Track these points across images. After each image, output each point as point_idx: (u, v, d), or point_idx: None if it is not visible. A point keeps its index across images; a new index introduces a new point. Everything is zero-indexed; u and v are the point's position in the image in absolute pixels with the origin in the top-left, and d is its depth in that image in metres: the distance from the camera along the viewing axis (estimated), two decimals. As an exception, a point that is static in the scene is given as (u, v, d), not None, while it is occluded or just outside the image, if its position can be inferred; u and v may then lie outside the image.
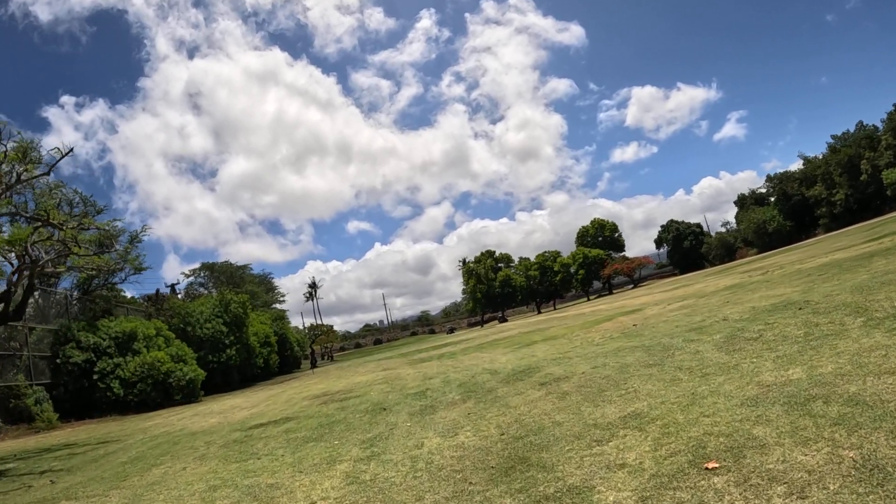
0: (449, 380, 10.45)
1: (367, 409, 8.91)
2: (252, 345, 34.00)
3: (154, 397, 23.49)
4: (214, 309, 32.17)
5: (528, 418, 5.56)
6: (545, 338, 16.00)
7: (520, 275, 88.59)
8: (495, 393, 7.70)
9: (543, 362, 9.69)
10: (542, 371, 8.62)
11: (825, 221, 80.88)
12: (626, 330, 12.02)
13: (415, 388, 10.27)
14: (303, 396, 14.57)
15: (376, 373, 17.76)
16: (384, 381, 13.43)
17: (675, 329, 9.68)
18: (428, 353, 23.69)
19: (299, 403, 12.60)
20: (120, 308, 35.65)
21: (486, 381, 9.04)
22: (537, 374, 8.35)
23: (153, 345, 25.06)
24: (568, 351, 10.79)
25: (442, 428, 6.12)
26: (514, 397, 6.99)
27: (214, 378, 30.23)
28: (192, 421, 14.21)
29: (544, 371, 8.52)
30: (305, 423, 8.91)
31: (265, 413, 12.08)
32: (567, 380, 7.22)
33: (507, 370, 9.88)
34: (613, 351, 8.88)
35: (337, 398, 11.84)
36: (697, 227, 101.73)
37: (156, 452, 9.55)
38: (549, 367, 8.82)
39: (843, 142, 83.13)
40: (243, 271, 72.12)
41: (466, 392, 8.36)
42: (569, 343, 12.50)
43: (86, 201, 33.60)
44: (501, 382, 8.54)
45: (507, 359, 12.23)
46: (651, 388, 5.64)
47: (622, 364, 7.34)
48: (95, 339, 24.47)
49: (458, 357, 16.36)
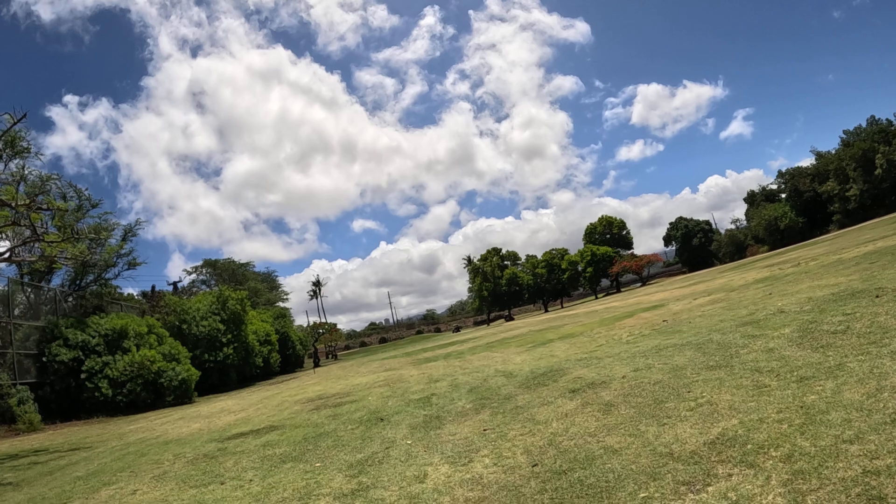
0: (457, 383, 9.09)
1: (361, 418, 7.57)
2: (251, 343, 32.70)
3: (144, 398, 22.25)
4: (211, 306, 30.90)
5: (566, 440, 4.19)
6: (561, 336, 14.61)
7: (527, 273, 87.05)
8: (515, 401, 6.33)
9: (567, 363, 8.31)
10: (568, 374, 7.24)
11: (838, 218, 78.93)
12: (657, 326, 10.64)
13: (418, 393, 8.92)
14: (296, 399, 13.25)
15: (378, 374, 16.42)
16: (385, 384, 12.09)
17: (721, 324, 8.29)
18: (433, 353, 22.33)
19: (290, 408, 11.28)
20: (115, 305, 34.54)
21: (501, 386, 7.67)
22: (564, 378, 6.98)
23: (144, 343, 23.81)
24: (594, 350, 9.40)
25: (451, 450, 4.75)
26: (540, 408, 5.62)
27: (211, 378, 28.97)
28: (175, 426, 12.91)
29: (571, 374, 7.15)
30: (290, 434, 7.57)
31: (251, 419, 10.77)
32: (605, 386, 5.84)
33: (525, 372, 8.50)
34: (653, 350, 7.50)
35: (331, 403, 10.50)
36: (706, 225, 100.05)
37: (117, 466, 8.25)
38: (576, 370, 7.45)
39: (856, 136, 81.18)
40: (245, 268, 70.96)
41: (479, 399, 7.00)
42: (591, 341, 11.10)
43: (80, 194, 32.53)
44: (520, 388, 7.17)
45: (522, 359, 10.85)
46: (730, 397, 4.27)
47: (673, 366, 5.96)
48: (84, 336, 23.25)
49: (466, 357, 14.99)
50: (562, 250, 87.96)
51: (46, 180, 31.23)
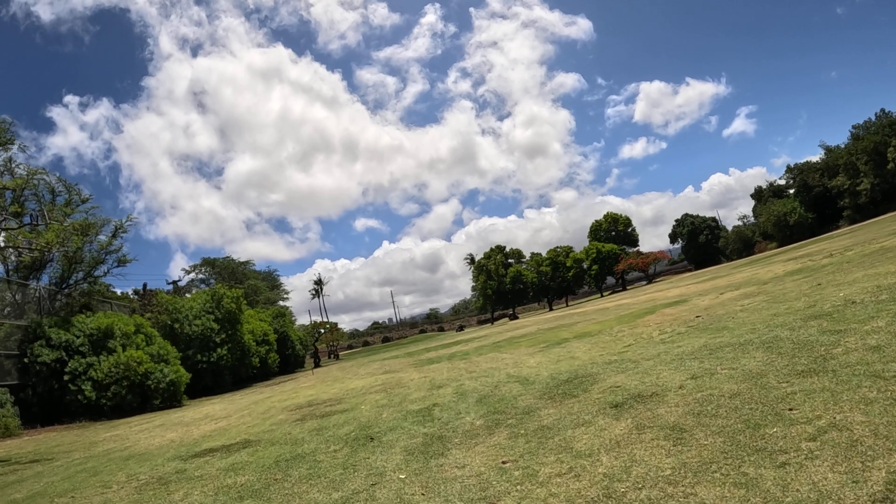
0: (463, 391, 7.75)
1: (348, 435, 6.24)
2: (247, 343, 31.40)
3: (130, 401, 20.96)
4: (205, 305, 29.60)
5: (632, 490, 2.80)
6: (577, 335, 13.25)
7: (531, 271, 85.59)
8: (538, 418, 4.99)
9: (595, 367, 6.96)
10: (600, 381, 5.90)
11: (849, 213, 77.20)
12: (691, 322, 9.28)
13: (418, 402, 7.59)
14: (284, 406, 11.94)
15: (376, 376, 15.10)
16: (382, 389, 10.76)
17: (777, 318, 6.95)
18: (437, 353, 21.00)
19: (274, 417, 9.96)
20: (105, 304, 33.28)
21: (517, 396, 6.32)
22: (596, 388, 5.63)
23: (131, 343, 22.52)
24: (622, 351, 8.05)
25: (460, 495, 3.40)
26: (575, 430, 4.27)
27: (204, 379, 27.69)
28: (150, 435, 11.61)
29: (606, 381, 5.80)
30: (262, 454, 6.25)
31: (229, 429, 9.45)
32: (659, 399, 4.49)
33: (544, 378, 7.16)
34: (702, 350, 6.15)
35: (319, 412, 9.18)
36: (713, 222, 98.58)
37: (62, 488, 6.98)
38: (609, 375, 6.10)
39: (866, 130, 79.42)
40: (245, 267, 69.72)
41: (491, 414, 5.66)
42: (615, 341, 9.75)
43: (70, 189, 31.30)
44: (542, 398, 5.83)
45: (536, 361, 9.50)
46: (864, 418, 2.94)
47: (745, 371, 4.62)
48: (68, 336, 21.98)
49: (473, 358, 13.64)
50: (566, 248, 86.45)
51: (33, 174, 30.00)
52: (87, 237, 28.74)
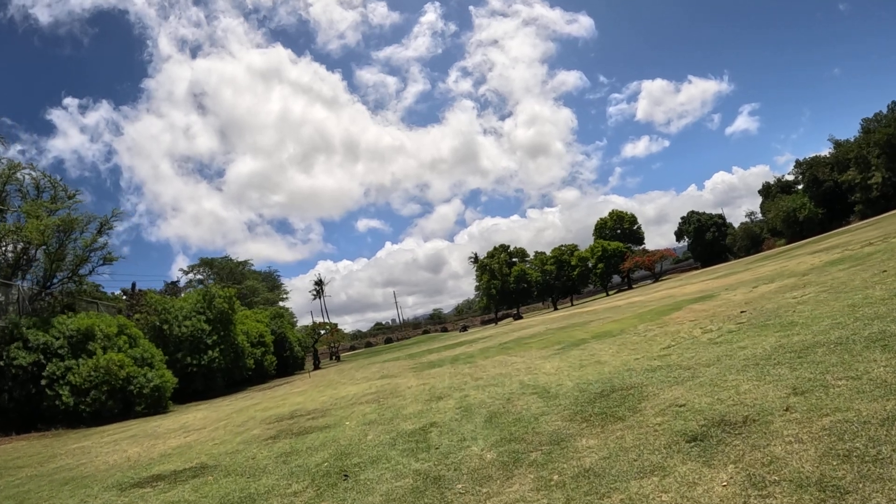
0: (468, 405, 6.30)
1: (319, 466, 4.81)
2: (241, 345, 29.97)
3: (111, 407, 19.56)
4: (196, 305, 28.20)
5: None
6: (596, 335, 11.79)
7: (535, 269, 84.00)
8: (574, 452, 3.53)
9: (634, 375, 5.51)
10: (651, 395, 4.44)
11: (860, 208, 75.28)
12: (739, 318, 7.83)
13: (412, 420, 6.15)
14: (265, 416, 10.52)
15: (371, 381, 13.68)
16: (374, 399, 9.33)
17: (860, 310, 5.49)
18: (439, 355, 19.55)
19: (248, 432, 8.54)
20: (92, 304, 31.93)
21: (538, 415, 4.87)
22: (648, 404, 4.17)
23: (113, 345, 21.13)
24: (662, 354, 6.59)
25: None
26: (641, 481, 2.81)
27: (194, 383, 26.29)
28: (112, 450, 10.20)
29: (659, 397, 4.34)
30: (209, 490, 4.83)
31: (192, 448, 8.03)
32: (763, 428, 3.04)
33: (569, 389, 5.71)
34: (782, 352, 4.69)
35: (298, 427, 7.75)
36: (720, 219, 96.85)
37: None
38: (659, 387, 4.64)
39: (877, 123, 77.59)
40: (244, 267, 68.48)
41: (506, 441, 4.21)
42: (648, 342, 8.28)
43: (55, 185, 29.96)
44: (574, 419, 4.38)
45: (554, 367, 8.04)
46: None
47: (880, 381, 3.16)
48: (47, 337, 20.60)
49: (478, 362, 12.18)
50: (571, 246, 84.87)
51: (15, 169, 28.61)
52: (70, 234, 27.47)
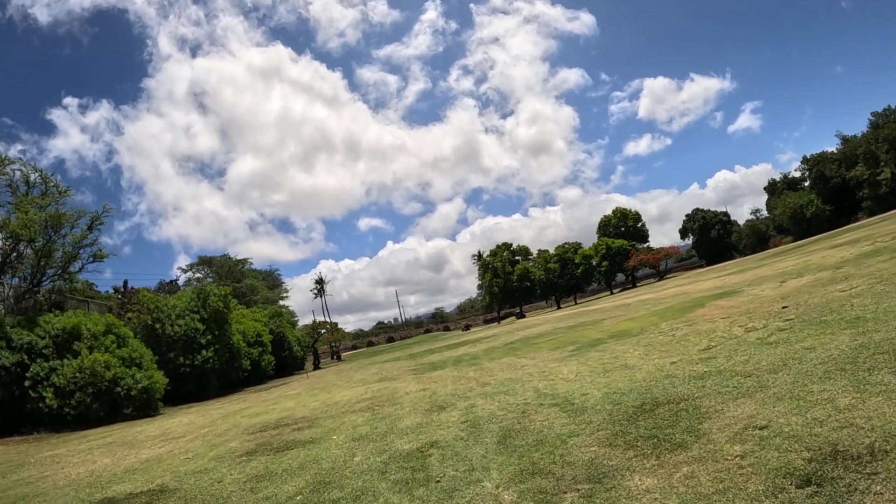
0: (476, 418, 5.31)
1: (293, 497, 3.83)
2: (236, 345, 29.00)
3: (96, 410, 18.61)
4: (190, 303, 27.26)
5: None
6: (611, 334, 10.80)
7: (538, 268, 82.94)
8: (629, 500, 2.54)
9: (678, 384, 4.52)
10: (712, 412, 3.46)
11: (868, 204, 73.94)
12: (782, 314, 6.84)
13: (409, 437, 5.17)
14: (249, 425, 9.55)
15: (368, 385, 12.70)
16: (369, 406, 8.35)
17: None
18: (441, 355, 18.56)
19: (224, 445, 7.56)
20: (82, 303, 31.00)
21: (564, 435, 3.87)
22: (714, 425, 3.19)
23: (99, 345, 20.19)
24: (705, 357, 5.60)
25: None
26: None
27: (187, 384, 25.35)
28: (82, 460, 9.24)
29: (725, 414, 3.35)
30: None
31: (160, 462, 7.06)
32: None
33: (597, 400, 4.72)
34: (869, 354, 3.70)
35: (279, 441, 6.77)
36: (725, 216, 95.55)
37: None
38: (719, 400, 3.66)
39: (885, 118, 76.32)
40: (243, 265, 67.59)
41: (529, 474, 3.23)
42: (679, 342, 7.28)
43: (47, 180, 29.03)
44: (613, 444, 3.40)
45: (573, 371, 7.05)
46: None
47: None
48: (31, 337, 19.68)
49: (483, 364, 11.18)
50: (575, 244, 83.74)
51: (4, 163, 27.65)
52: (59, 230, 26.57)
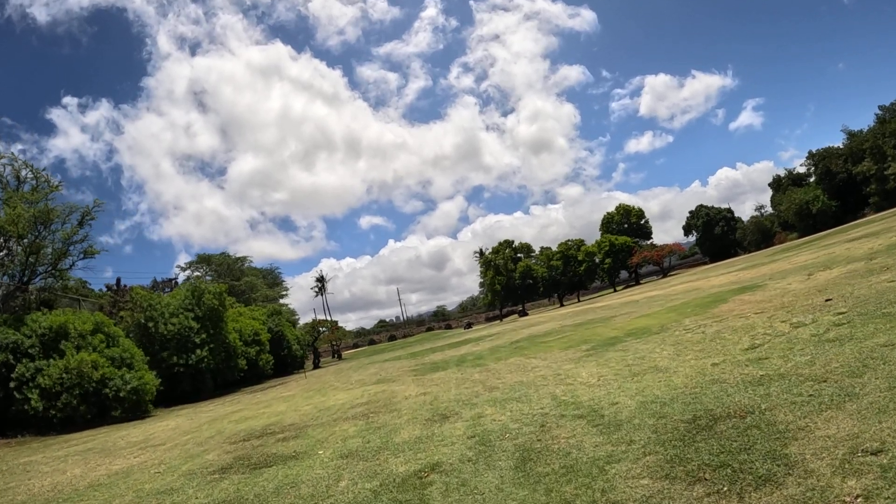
0: (485, 433, 4.47)
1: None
2: (232, 343, 28.19)
3: (83, 412, 17.82)
4: (184, 301, 26.45)
5: None
6: (629, 332, 9.95)
7: (541, 265, 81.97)
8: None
9: (738, 391, 3.70)
10: (798, 428, 2.65)
11: (875, 200, 72.81)
12: (836, 308, 6.00)
13: (406, 454, 4.35)
14: (233, 432, 8.73)
15: (365, 387, 11.86)
16: (364, 413, 7.52)
17: None
18: (443, 355, 17.72)
19: (202, 457, 6.74)
20: (74, 301, 30.22)
21: (605, 464, 3.05)
22: (811, 447, 2.37)
23: (87, 344, 19.39)
24: (754, 357, 4.76)
25: None
26: None
27: (182, 384, 24.56)
28: (53, 469, 8.43)
29: (816, 433, 2.54)
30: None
31: (128, 478, 6.24)
32: None
33: (633, 411, 3.89)
34: None
35: (260, 455, 5.95)
36: (729, 213, 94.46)
37: None
38: (808, 416, 2.83)
39: (893, 112, 75.19)
40: (243, 263, 66.70)
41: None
42: (716, 341, 6.44)
43: (38, 176, 28.26)
44: (676, 478, 2.58)
45: (592, 374, 6.20)
46: None
47: None
48: (17, 336, 18.91)
49: (489, 364, 10.33)
50: (578, 241, 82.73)
51: (-6, 157, 26.78)
52: (49, 226, 25.78)
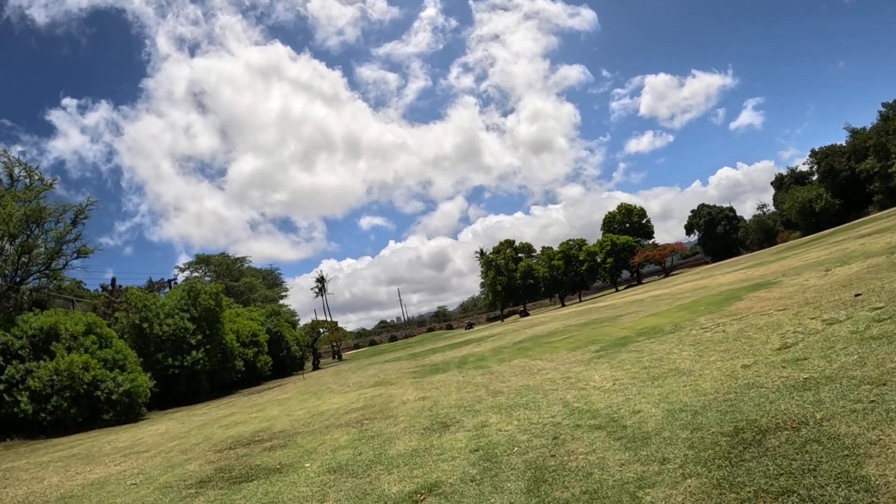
0: (490, 446, 3.96)
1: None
2: (229, 344, 27.68)
3: (74, 415, 17.32)
4: (179, 301, 25.94)
5: None
6: (639, 332, 9.43)
7: (542, 265, 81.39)
8: None
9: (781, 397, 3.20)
10: (868, 443, 2.12)
11: (879, 198, 72.13)
12: (871, 303, 5.50)
13: (400, 471, 3.85)
14: (217, 440, 8.21)
15: (362, 390, 11.35)
16: (358, 419, 7.02)
17: None
18: (444, 356, 17.21)
19: (182, 468, 6.24)
20: (69, 302, 29.72)
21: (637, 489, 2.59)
22: (892, 468, 1.79)
23: (79, 345, 18.90)
24: (789, 357, 4.28)
25: None
26: None
27: (177, 386, 24.06)
28: (31, 477, 7.90)
29: (892, 449, 1.96)
30: None
31: (101, 489, 5.73)
32: None
33: (660, 421, 3.38)
34: None
35: (242, 466, 5.45)
36: (731, 211, 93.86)
37: None
38: (876, 429, 2.27)
39: (895, 110, 74.54)
40: (242, 263, 66.18)
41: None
42: (741, 340, 5.93)
43: (31, 173, 27.79)
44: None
45: (606, 377, 5.69)
46: None
47: None
48: (7, 337, 18.42)
49: (492, 366, 9.81)
50: (579, 241, 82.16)
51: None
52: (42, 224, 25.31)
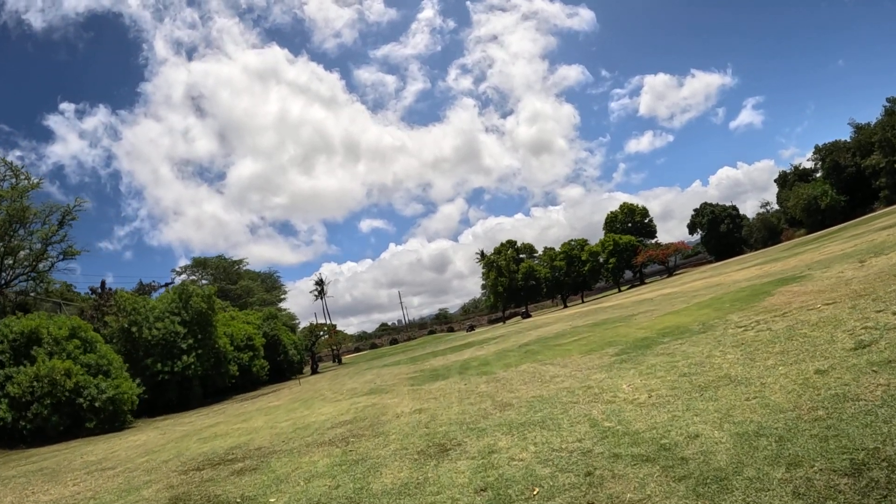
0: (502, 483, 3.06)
1: None
2: (222, 349, 26.71)
3: (55, 424, 16.40)
4: (170, 304, 25.01)
5: None
6: (660, 332, 8.49)
7: (544, 266, 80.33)
8: None
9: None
10: None
11: (885, 193, 70.93)
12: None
13: None
14: (186, 459, 7.28)
15: (355, 398, 10.42)
16: (344, 436, 6.09)
17: None
18: (444, 359, 16.26)
19: (136, 493, 5.31)
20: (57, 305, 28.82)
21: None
22: None
23: (61, 350, 17.99)
24: (876, 359, 3.27)
25: None
26: None
27: (167, 392, 23.11)
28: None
29: None
30: None
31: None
32: None
33: (731, 451, 2.50)
34: None
35: (198, 497, 4.52)
36: (734, 210, 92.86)
37: None
38: None
39: (902, 104, 73.45)
40: (239, 266, 65.31)
41: None
42: (797, 340, 5.01)
43: (17, 173, 26.92)
44: None
45: (637, 386, 4.76)
46: None
47: None
48: (-13, 343, 17.56)
49: (497, 372, 8.87)
50: (581, 241, 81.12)
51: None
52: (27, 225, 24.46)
